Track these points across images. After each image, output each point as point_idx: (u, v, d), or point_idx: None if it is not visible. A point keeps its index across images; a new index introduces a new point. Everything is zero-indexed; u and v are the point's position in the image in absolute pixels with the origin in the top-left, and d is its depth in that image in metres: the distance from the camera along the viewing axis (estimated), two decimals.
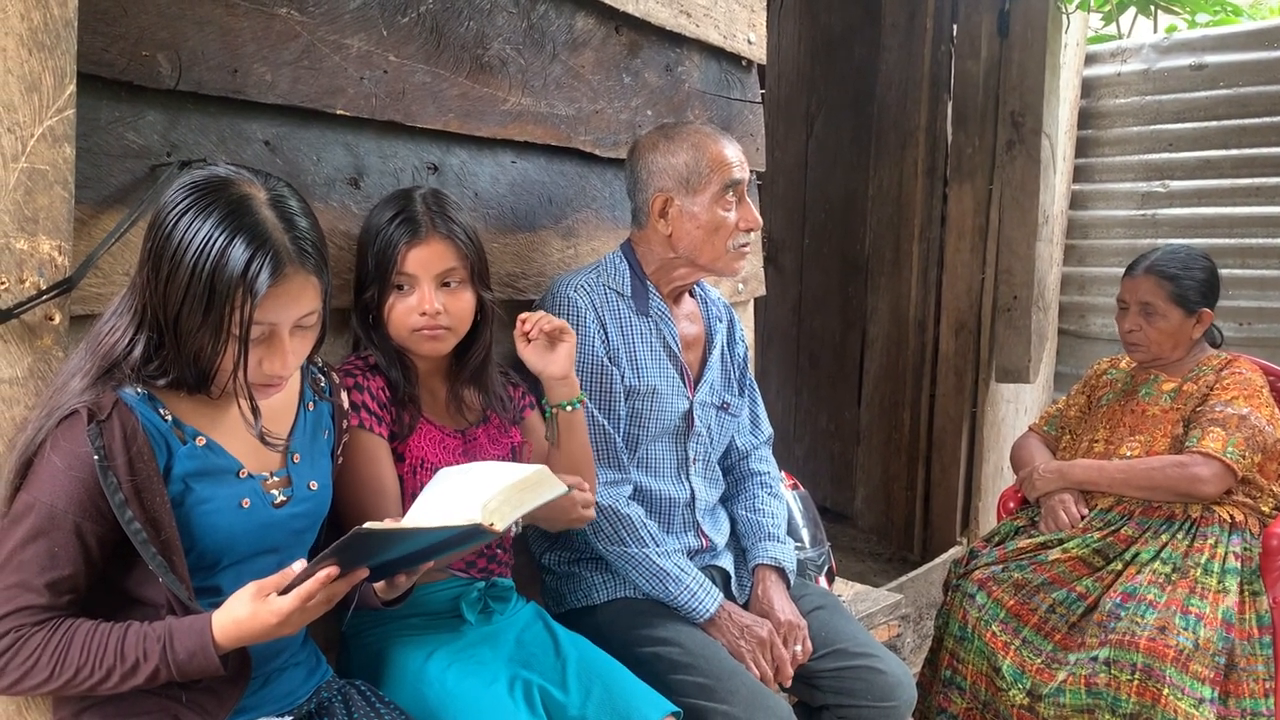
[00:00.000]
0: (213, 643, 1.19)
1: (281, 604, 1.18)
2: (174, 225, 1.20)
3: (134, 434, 1.21)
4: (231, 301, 1.19)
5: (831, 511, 4.59)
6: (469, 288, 1.67)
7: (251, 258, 1.19)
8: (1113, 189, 4.08)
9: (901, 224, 4.15)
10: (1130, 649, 2.15)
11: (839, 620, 2.02)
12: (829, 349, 4.64)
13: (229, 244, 1.18)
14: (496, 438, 1.78)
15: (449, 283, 1.65)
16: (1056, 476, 2.57)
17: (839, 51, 4.39)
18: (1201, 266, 2.51)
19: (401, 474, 1.66)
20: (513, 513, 1.27)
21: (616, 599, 1.93)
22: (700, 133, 1.94)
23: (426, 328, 1.63)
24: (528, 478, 1.32)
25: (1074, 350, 4.19)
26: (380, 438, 1.62)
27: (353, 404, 1.58)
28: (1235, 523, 2.36)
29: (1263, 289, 3.65)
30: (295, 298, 1.25)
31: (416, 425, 1.68)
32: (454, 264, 1.64)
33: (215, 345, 1.21)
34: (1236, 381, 2.43)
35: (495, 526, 1.22)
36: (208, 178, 1.24)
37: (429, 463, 1.67)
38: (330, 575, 1.18)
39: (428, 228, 1.63)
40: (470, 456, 1.73)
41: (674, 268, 1.99)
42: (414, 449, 1.66)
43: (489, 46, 1.95)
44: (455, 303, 1.65)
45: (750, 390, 2.24)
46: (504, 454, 1.78)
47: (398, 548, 1.26)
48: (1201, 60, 3.85)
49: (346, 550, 1.17)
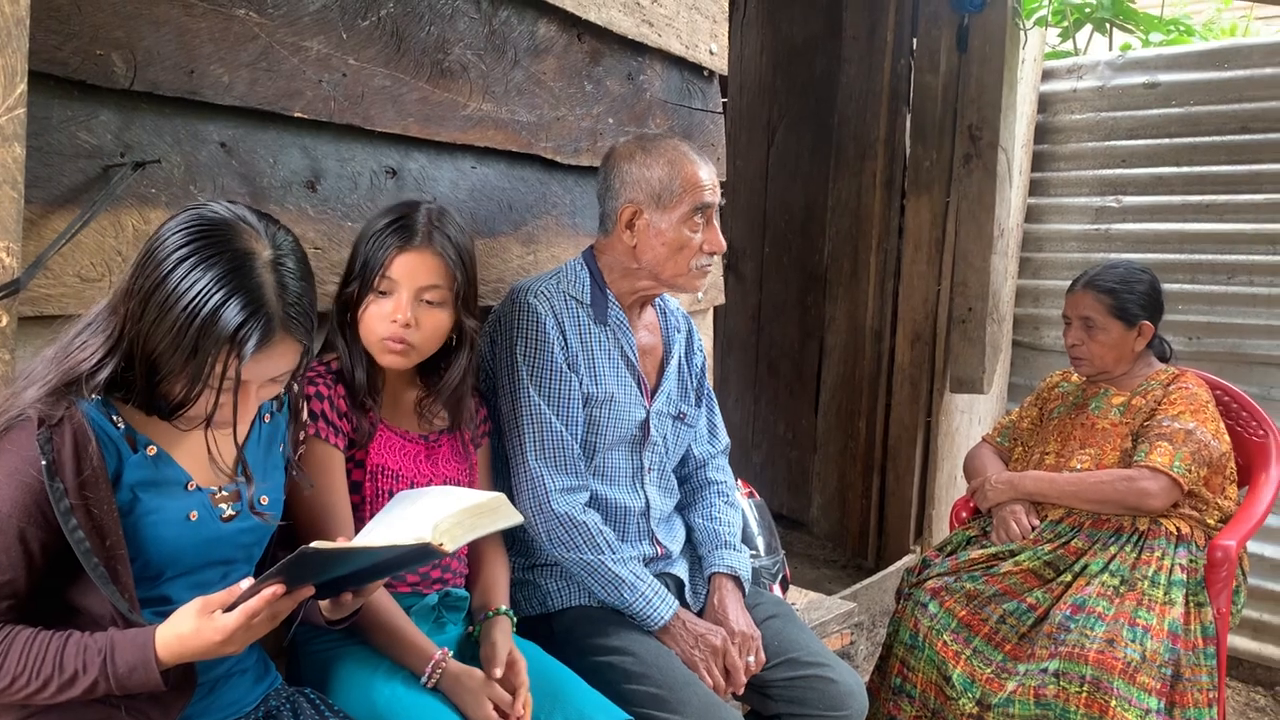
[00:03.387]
0: (155, 657, 1.17)
1: (226, 621, 1.17)
2: (172, 269, 1.19)
3: (85, 441, 1.19)
4: (216, 357, 1.19)
5: (788, 518, 4.61)
6: (449, 308, 1.65)
7: (244, 321, 1.18)
8: (1067, 203, 4.14)
9: (860, 235, 4.19)
10: (1079, 661, 2.19)
11: (792, 629, 2.03)
12: (787, 357, 4.67)
13: (224, 303, 1.18)
14: (460, 451, 1.78)
15: (431, 297, 1.63)
16: (1008, 487, 2.60)
17: (800, 63, 4.43)
18: (1141, 280, 2.57)
19: (360, 480, 1.64)
20: (464, 535, 1.26)
21: (571, 606, 1.93)
22: (678, 150, 1.93)
23: (392, 338, 1.61)
24: (483, 503, 1.31)
25: (1028, 362, 4.25)
26: (336, 449, 1.60)
27: (311, 412, 1.57)
28: (1181, 535, 2.40)
29: (1212, 304, 3.72)
30: (276, 361, 1.25)
31: (376, 431, 1.66)
32: (438, 280, 1.62)
33: (189, 392, 1.21)
34: (1183, 397, 2.48)
35: (445, 547, 1.21)
36: (213, 222, 1.23)
37: (389, 469, 1.66)
38: (275, 594, 1.17)
39: (422, 238, 1.61)
40: (432, 464, 1.72)
41: (636, 278, 1.99)
42: (373, 455, 1.65)
43: (450, 51, 1.95)
44: (429, 319, 1.63)
45: (708, 400, 2.25)
46: (464, 468, 1.77)
47: (345, 565, 1.25)
48: (1155, 78, 3.92)
49: (292, 569, 1.16)
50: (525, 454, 1.87)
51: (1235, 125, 3.71)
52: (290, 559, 1.15)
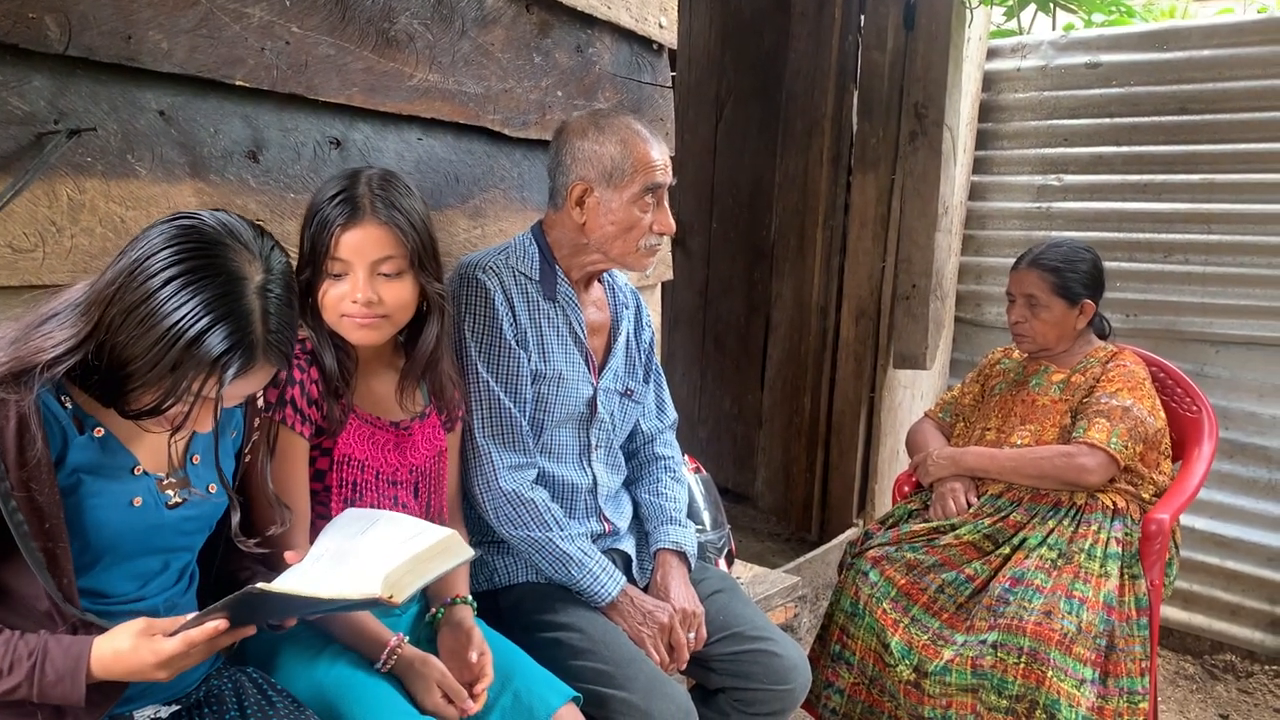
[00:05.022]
0: (86, 670, 1.16)
1: (164, 646, 1.15)
2: (160, 287, 1.16)
3: (28, 420, 1.16)
4: (195, 378, 1.17)
5: (733, 493, 4.65)
6: (409, 276, 1.58)
7: (229, 349, 1.17)
8: (1010, 181, 4.19)
9: (806, 211, 4.21)
10: (1017, 633, 2.24)
11: (737, 604, 2.05)
12: (734, 333, 4.68)
13: (210, 328, 1.16)
14: (431, 437, 1.74)
15: (389, 268, 1.56)
16: (949, 463, 2.65)
17: (749, 38, 4.41)
18: (1084, 259, 2.61)
19: (325, 469, 1.61)
20: (415, 583, 1.24)
21: (519, 583, 1.93)
22: (631, 129, 1.91)
23: (359, 315, 1.56)
24: (434, 545, 1.29)
25: (970, 338, 4.31)
26: (301, 437, 1.56)
27: (280, 397, 1.53)
28: (1117, 509, 2.46)
29: (1149, 282, 3.79)
30: (251, 383, 1.25)
31: (347, 420, 1.62)
32: (391, 252, 1.56)
33: (160, 405, 1.18)
34: (1121, 374, 2.53)
35: (395, 599, 1.20)
36: (207, 239, 1.20)
37: (356, 459, 1.62)
38: (219, 629, 1.16)
39: (366, 210, 1.54)
40: (401, 454, 1.68)
41: (584, 253, 1.97)
42: (341, 444, 1.61)
43: (395, 20, 1.91)
44: (391, 291, 1.57)
45: (656, 375, 2.25)
46: (432, 456, 1.74)
47: (292, 611, 1.25)
48: (1096, 59, 3.97)
49: (238, 607, 1.15)
50: (474, 430, 1.86)
51: (1174, 106, 3.77)
52: (237, 596, 1.14)
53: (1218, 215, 3.66)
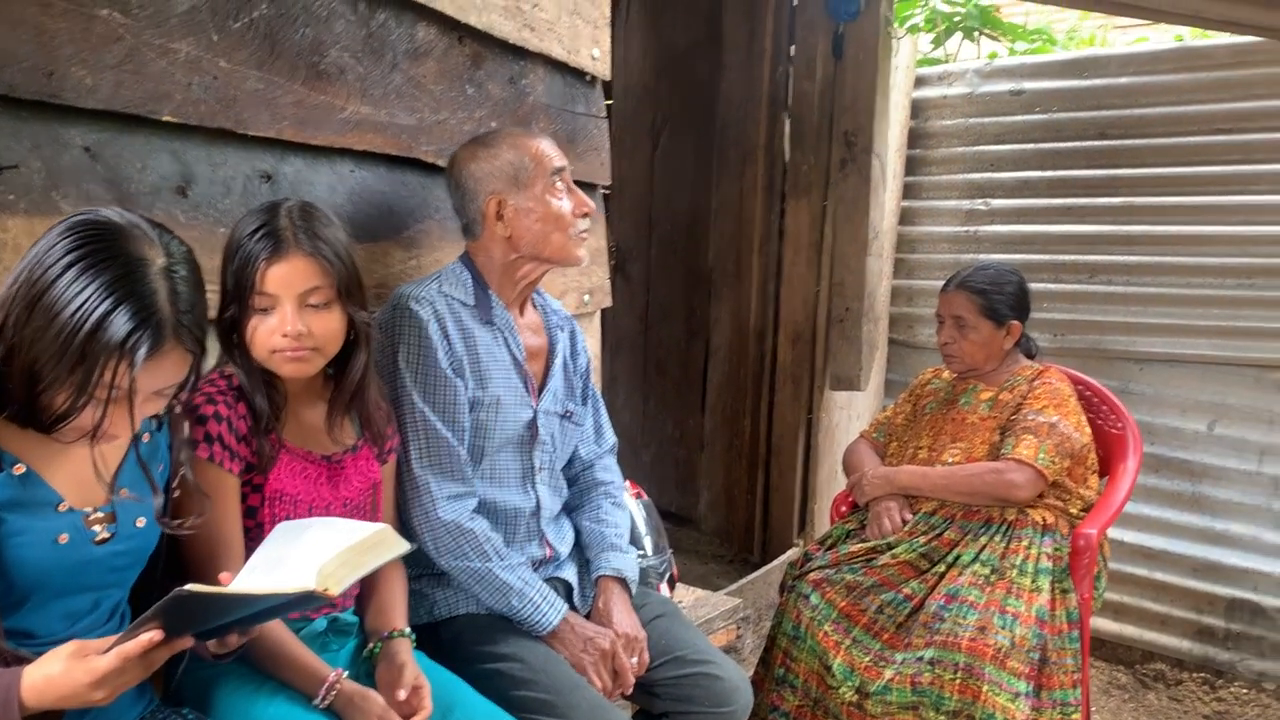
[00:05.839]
0: (19, 702, 1.12)
1: (98, 664, 1.11)
2: (60, 275, 1.14)
3: None
4: (105, 366, 1.14)
5: (677, 516, 4.66)
6: (337, 307, 1.58)
7: (135, 328, 1.15)
8: (939, 206, 4.28)
9: (742, 237, 4.26)
10: (953, 649, 2.28)
11: (678, 628, 2.07)
12: (675, 357, 4.72)
13: (114, 310, 1.14)
14: (364, 470, 1.72)
15: (316, 300, 1.56)
16: (884, 482, 2.69)
17: (683, 68, 4.47)
18: (1010, 281, 2.68)
19: (257, 505, 1.58)
20: (350, 575, 1.23)
21: (459, 615, 1.92)
22: (513, 133, 1.99)
23: (289, 349, 1.55)
24: (368, 539, 1.28)
25: (903, 359, 4.38)
26: (230, 474, 1.54)
27: (208, 435, 1.51)
28: (1047, 525, 2.52)
29: (1074, 302, 3.89)
30: (166, 370, 1.21)
31: (278, 455, 1.60)
32: (318, 283, 1.55)
33: (74, 402, 1.16)
34: (1047, 391, 2.60)
35: (330, 591, 1.18)
36: (104, 227, 1.18)
37: (288, 495, 1.60)
38: (153, 640, 1.12)
39: (291, 243, 1.53)
40: (334, 487, 1.67)
41: (518, 268, 1.99)
42: (272, 480, 1.59)
43: (326, 54, 1.92)
44: (321, 323, 1.56)
45: (593, 399, 2.26)
46: (366, 489, 1.73)
47: (227, 614, 1.21)
48: (1020, 86, 4.08)
49: (170, 613, 1.11)
50: (411, 461, 1.85)
51: (1094, 131, 3.89)
52: (166, 601, 1.10)
53: (1138, 237, 3.78)
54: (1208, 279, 3.64)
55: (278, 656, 1.54)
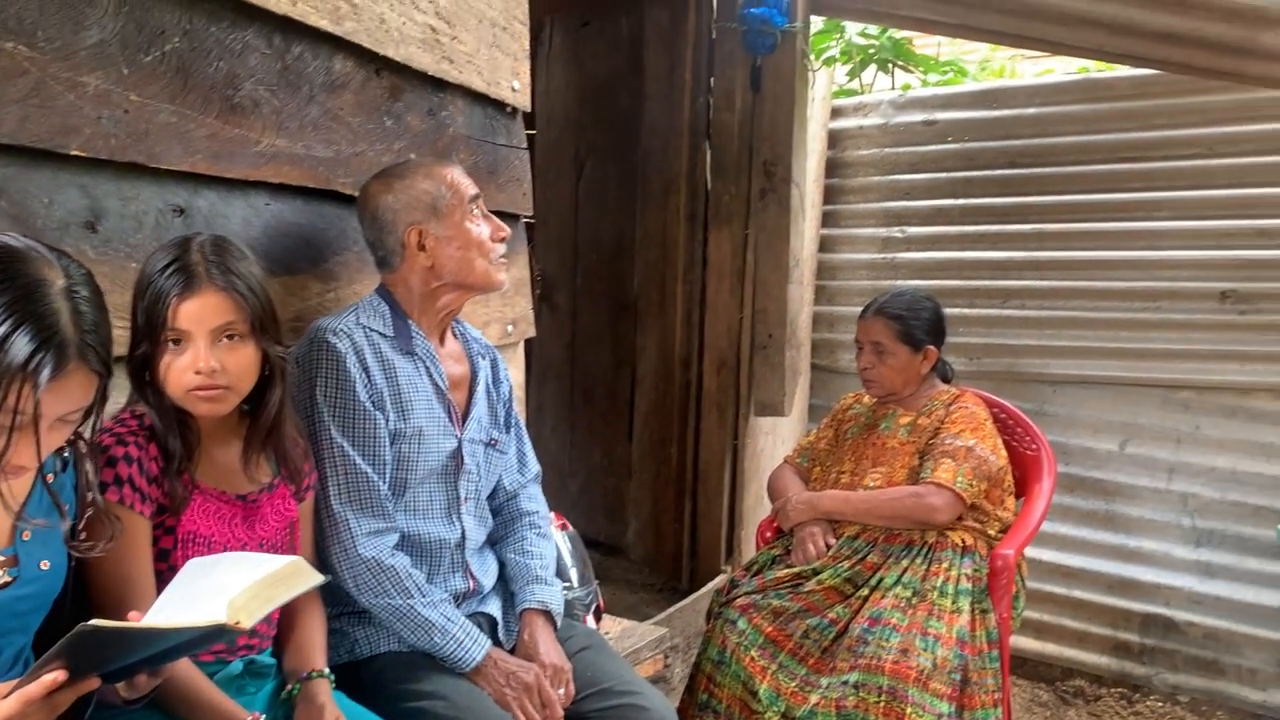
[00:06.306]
0: None
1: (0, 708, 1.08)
2: None
3: None
4: (7, 390, 1.11)
5: (605, 545, 4.65)
6: (251, 342, 1.56)
7: (37, 349, 1.12)
8: (857, 234, 4.37)
9: (666, 266, 4.29)
10: (877, 672, 2.31)
11: (604, 659, 2.06)
12: (602, 386, 4.72)
13: (14, 330, 1.11)
14: (281, 509, 1.69)
15: (230, 335, 1.53)
16: (807, 507, 2.72)
17: (605, 98, 4.51)
18: (925, 307, 2.75)
19: (169, 548, 1.54)
20: (262, 609, 1.21)
21: (380, 653, 1.89)
22: (424, 163, 2.01)
23: (202, 387, 1.52)
24: (279, 570, 1.26)
25: (826, 384, 4.45)
26: (141, 516, 1.50)
27: (117, 477, 1.47)
28: (966, 546, 2.56)
29: (989, 327, 3.99)
30: (70, 394, 1.18)
31: (190, 496, 1.56)
32: (231, 317, 1.53)
33: None
34: (963, 415, 2.66)
35: (241, 624, 1.16)
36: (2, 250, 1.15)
37: (202, 536, 1.56)
38: (56, 680, 1.08)
39: (203, 278, 1.51)
40: (250, 527, 1.63)
41: (439, 297, 1.99)
42: (185, 522, 1.55)
43: (240, 87, 1.90)
44: (234, 359, 1.54)
45: (516, 428, 2.26)
46: (284, 528, 1.69)
47: (135, 651, 1.17)
48: (933, 116, 4.19)
49: (74, 651, 1.08)
50: (329, 498, 1.83)
51: (1004, 160, 4.01)
52: (70, 638, 1.06)
53: (1049, 262, 3.90)
54: (1115, 302, 3.76)
55: (191, 701, 1.50)
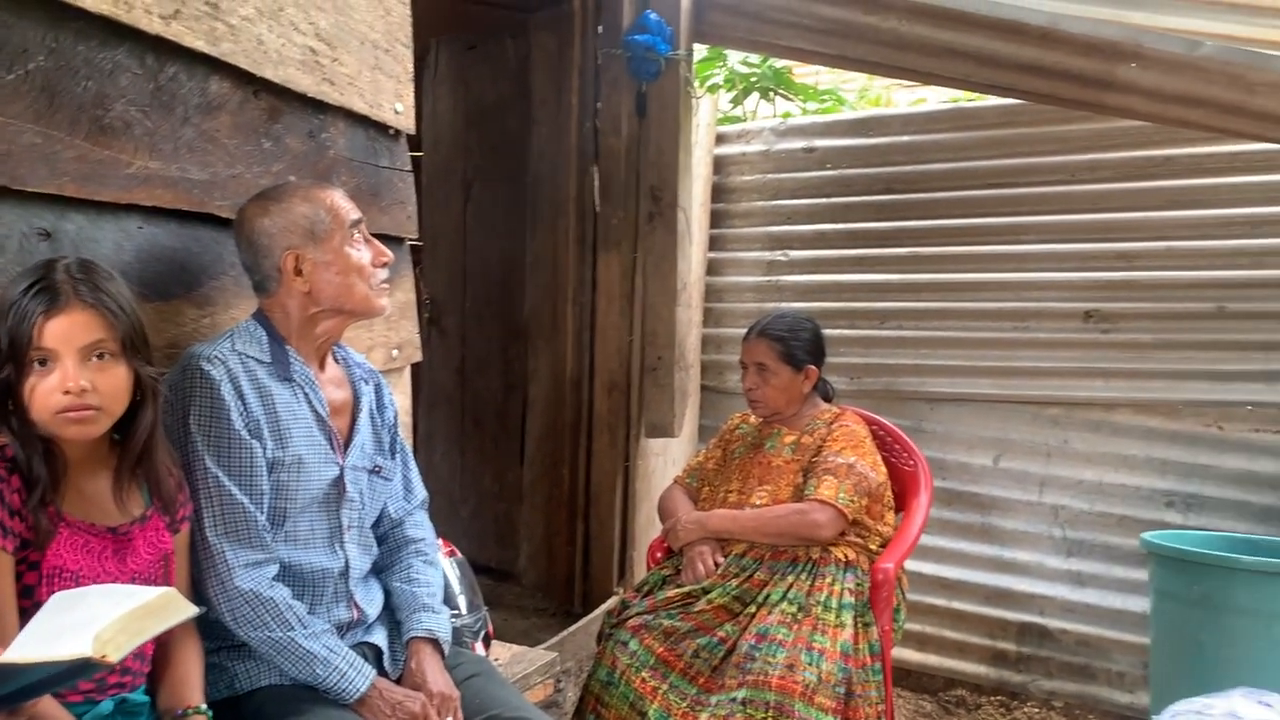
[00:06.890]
0: None
1: None
2: None
3: None
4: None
5: (498, 570, 4.61)
6: (122, 361, 1.51)
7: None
8: (742, 257, 4.46)
9: (557, 289, 4.30)
10: (764, 688, 2.34)
11: (493, 686, 2.04)
12: (492, 410, 4.69)
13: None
14: (154, 541, 1.63)
15: (100, 354, 1.48)
16: (697, 527, 2.75)
17: (492, 122, 4.51)
18: (805, 328, 2.83)
19: (34, 583, 1.47)
20: (131, 642, 1.17)
21: (261, 687, 1.84)
22: (303, 186, 1.96)
23: (72, 408, 1.46)
24: (151, 602, 1.22)
25: (715, 405, 4.51)
26: (3, 552, 1.43)
27: None
28: (849, 561, 2.63)
29: (868, 347, 4.11)
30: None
31: (56, 529, 1.49)
32: (101, 335, 1.48)
33: None
34: (844, 433, 2.73)
35: (109, 658, 1.12)
36: None
37: (69, 571, 1.49)
38: None
39: (70, 295, 1.46)
40: (121, 561, 1.57)
41: (317, 323, 1.95)
42: (51, 556, 1.48)
43: (110, 108, 1.84)
44: (105, 379, 1.49)
45: (402, 454, 2.23)
46: (157, 561, 1.63)
47: None
48: (812, 144, 4.32)
49: None
50: (205, 529, 1.77)
51: (880, 186, 4.15)
52: None
53: (924, 284, 4.04)
54: (987, 323, 3.92)
55: None
